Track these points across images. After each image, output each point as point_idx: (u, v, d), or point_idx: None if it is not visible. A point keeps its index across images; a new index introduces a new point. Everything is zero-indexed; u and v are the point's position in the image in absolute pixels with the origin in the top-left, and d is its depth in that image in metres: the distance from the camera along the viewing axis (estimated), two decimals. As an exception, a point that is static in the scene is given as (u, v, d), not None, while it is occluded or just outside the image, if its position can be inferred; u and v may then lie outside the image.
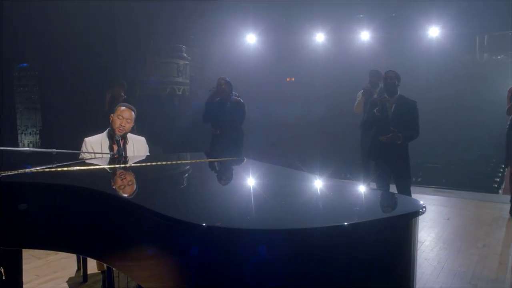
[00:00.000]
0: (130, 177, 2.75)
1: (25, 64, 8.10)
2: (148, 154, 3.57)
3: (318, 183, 2.53)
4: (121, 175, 2.80)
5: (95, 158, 3.29)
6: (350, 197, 2.29)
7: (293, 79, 12.63)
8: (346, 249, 1.65)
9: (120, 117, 3.29)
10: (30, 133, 8.10)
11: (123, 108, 3.34)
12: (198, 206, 2.07)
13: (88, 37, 7.39)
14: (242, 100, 5.17)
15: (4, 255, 2.75)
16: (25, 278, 3.66)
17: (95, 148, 3.31)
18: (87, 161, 3.19)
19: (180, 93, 8.88)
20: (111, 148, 3.30)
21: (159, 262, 1.85)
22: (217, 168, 3.31)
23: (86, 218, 2.14)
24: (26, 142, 8.16)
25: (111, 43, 7.81)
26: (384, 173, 4.51)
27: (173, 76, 8.72)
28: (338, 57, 10.33)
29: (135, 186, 2.53)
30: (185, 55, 8.97)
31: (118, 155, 3.21)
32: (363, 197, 2.19)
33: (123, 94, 6.20)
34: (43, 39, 7.24)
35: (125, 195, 2.22)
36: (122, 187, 2.46)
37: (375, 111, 4.44)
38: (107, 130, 3.38)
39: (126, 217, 1.99)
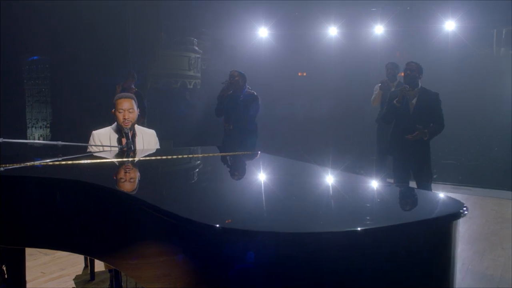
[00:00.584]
0: (138, 172, 2.56)
1: (35, 57, 7.97)
2: (158, 147, 3.38)
3: (340, 178, 2.32)
4: (129, 169, 2.61)
5: (103, 151, 3.10)
6: (380, 195, 2.07)
7: (304, 73, 12.37)
8: (376, 256, 1.44)
9: (121, 111, 3.08)
10: (40, 127, 7.97)
11: (120, 99, 3.12)
12: (208, 203, 1.87)
13: (98, 30, 7.22)
14: (255, 93, 4.96)
15: (6, 252, 2.58)
16: (31, 275, 3.52)
17: (103, 141, 3.13)
18: (94, 155, 3.00)
19: (191, 86, 8.66)
20: (119, 141, 3.12)
21: (168, 263, 1.65)
22: (230, 163, 3.11)
23: (89, 215, 1.95)
24: (36, 136, 8.03)
25: (121, 36, 7.63)
26: (404, 169, 4.27)
27: (184, 70, 8.50)
28: (351, 51, 10.04)
29: (142, 182, 2.33)
30: (196, 48, 8.75)
31: (127, 148, 3.02)
32: (394, 195, 1.97)
33: (133, 86, 6.02)
34: (54, 32, 7.09)
35: (131, 191, 2.02)
36: (129, 182, 2.26)
37: (395, 102, 4.20)
38: (115, 123, 3.20)
39: (132, 214, 1.79)
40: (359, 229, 1.41)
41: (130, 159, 2.88)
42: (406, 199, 1.95)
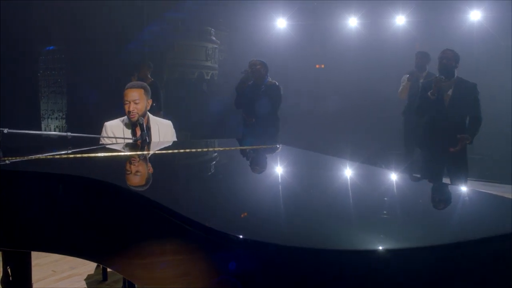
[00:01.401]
0: (152, 167, 2.28)
1: (51, 47, 7.77)
2: (175, 139, 3.11)
3: (379, 175, 2.01)
4: (142, 164, 2.34)
5: (116, 143, 2.84)
6: (439, 199, 1.76)
7: (322, 65, 11.98)
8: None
9: (126, 102, 2.82)
10: (56, 118, 7.79)
11: (126, 89, 2.86)
12: (229, 206, 1.58)
13: (115, 20, 6.97)
14: (277, 83, 4.65)
15: (11, 253, 2.36)
16: (41, 273, 3.29)
17: (116, 132, 2.86)
18: (106, 147, 2.74)
19: (209, 77, 8.37)
20: (134, 133, 2.85)
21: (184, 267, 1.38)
22: (251, 157, 2.82)
23: (97, 215, 1.69)
24: (52, 127, 7.85)
25: (138, 25, 7.38)
26: (437, 164, 3.92)
27: (202, 60, 8.21)
28: (371, 43, 9.65)
29: (156, 179, 2.05)
30: (214, 38, 8.45)
31: (141, 141, 2.75)
32: (457, 196, 1.66)
33: (149, 76, 5.75)
34: (70, 22, 6.86)
35: (144, 190, 1.75)
36: (142, 179, 1.99)
37: (429, 94, 3.85)
38: None
39: (143, 215, 1.52)
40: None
41: (145, 152, 2.61)
42: (470, 203, 1.63)
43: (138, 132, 2.80)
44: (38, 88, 7.30)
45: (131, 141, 2.80)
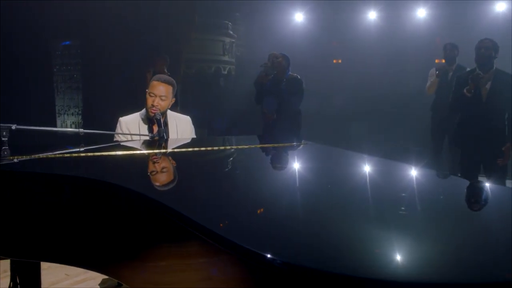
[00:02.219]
0: (171, 168, 2.05)
1: (67, 42, 7.61)
2: (194, 136, 2.88)
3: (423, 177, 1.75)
4: (159, 164, 2.11)
5: (131, 140, 2.62)
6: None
7: (339, 60, 11.63)
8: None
9: (152, 95, 2.60)
10: (72, 114, 7.64)
11: (156, 82, 2.64)
12: (256, 218, 1.34)
13: (130, 14, 6.76)
14: (299, 76, 4.39)
15: (19, 260, 2.16)
16: (55, 277, 3.09)
17: (132, 128, 2.64)
18: (121, 144, 2.52)
19: (226, 72, 8.12)
20: (150, 129, 2.62)
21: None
22: (275, 156, 2.57)
23: (106, 221, 1.46)
24: (68, 123, 7.71)
25: (153, 20, 7.16)
26: (474, 163, 3.63)
27: (219, 55, 7.96)
28: (391, 36, 9.28)
29: (175, 181, 1.81)
30: (231, 32, 8.19)
31: (158, 137, 2.52)
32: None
33: (165, 70, 5.51)
34: (85, 16, 6.68)
35: (160, 195, 1.51)
36: (157, 182, 1.76)
37: (465, 91, 3.54)
38: (144, 109, 2.71)
39: (160, 223, 1.29)
40: None
41: (162, 150, 2.38)
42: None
43: (155, 129, 2.58)
44: (54, 83, 7.12)
45: (147, 138, 2.57)
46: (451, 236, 1.18)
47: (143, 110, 2.69)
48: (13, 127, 2.03)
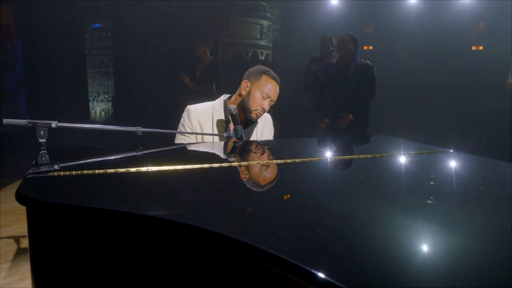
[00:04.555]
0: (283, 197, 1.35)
1: (97, 25, 6.98)
2: (271, 138, 2.21)
3: None
4: (260, 183, 1.40)
5: (202, 142, 1.97)
6: None
7: (370, 47, 10.78)
8: None
9: (265, 95, 1.95)
10: (102, 100, 7.05)
11: (273, 80, 1.97)
12: None
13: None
14: (370, 63, 3.66)
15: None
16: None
17: (204, 122, 1.98)
18: (191, 147, 1.87)
19: (263, 58, 7.39)
20: (227, 127, 1.96)
21: None
22: (424, 171, 1.74)
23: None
24: (98, 110, 7.13)
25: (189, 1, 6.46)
26: None
27: (256, 39, 7.23)
28: (433, 22, 8.40)
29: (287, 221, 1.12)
30: (268, 15, 7.45)
31: (237, 138, 1.85)
32: None
33: (208, 54, 4.84)
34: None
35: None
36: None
37: None
38: (221, 99, 2.05)
39: None
40: None
41: (261, 162, 1.65)
42: None
43: (232, 126, 1.92)
44: (86, 69, 6.50)
45: (222, 138, 1.92)
46: None
47: (219, 101, 2.03)
48: (53, 124, 1.42)
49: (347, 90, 3.57)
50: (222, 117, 1.99)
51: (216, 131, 1.97)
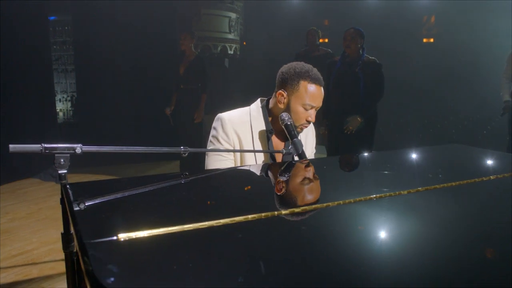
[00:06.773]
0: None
1: (53, 17, 6.24)
2: (314, 149, 1.92)
3: None
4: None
5: (254, 165, 1.64)
6: None
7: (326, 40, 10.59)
8: None
9: (309, 107, 1.58)
10: (59, 100, 6.38)
11: (315, 86, 1.57)
12: None
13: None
14: (377, 60, 3.41)
15: None
16: None
17: (243, 133, 1.64)
18: (238, 169, 1.55)
19: (232, 52, 7.01)
20: (267, 139, 1.64)
21: None
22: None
23: None
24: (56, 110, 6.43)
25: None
26: None
27: (225, 32, 6.84)
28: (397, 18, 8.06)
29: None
30: (235, 7, 7.06)
31: (297, 155, 1.54)
32: None
33: (193, 49, 4.39)
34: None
35: None
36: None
37: None
38: (258, 104, 1.72)
39: None
40: None
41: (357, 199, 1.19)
42: None
43: (275, 138, 1.61)
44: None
45: (280, 155, 1.60)
46: None
47: (255, 107, 1.69)
48: (78, 149, 1.08)
49: (355, 90, 3.29)
50: (262, 127, 1.67)
51: (257, 145, 1.65)
